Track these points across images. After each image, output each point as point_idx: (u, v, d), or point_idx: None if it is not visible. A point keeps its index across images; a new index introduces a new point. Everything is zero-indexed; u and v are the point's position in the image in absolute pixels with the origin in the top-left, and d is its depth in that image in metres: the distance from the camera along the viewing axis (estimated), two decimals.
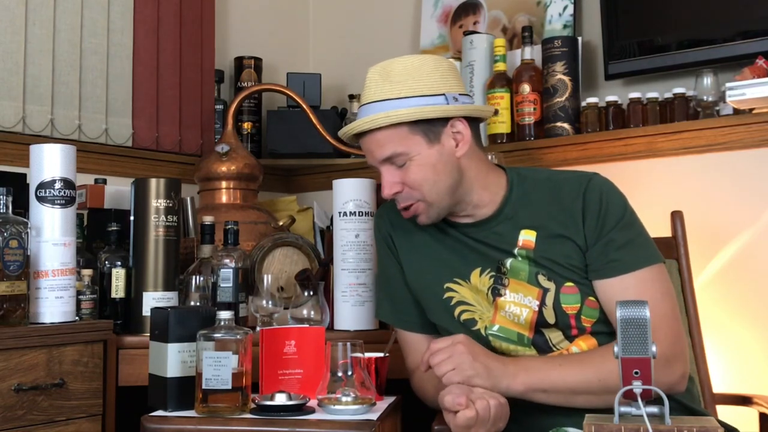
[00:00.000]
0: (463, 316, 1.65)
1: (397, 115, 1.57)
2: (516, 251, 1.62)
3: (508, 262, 1.62)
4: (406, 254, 1.74)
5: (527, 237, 1.62)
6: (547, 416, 1.54)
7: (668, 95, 2.36)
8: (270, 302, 2.00)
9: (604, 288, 1.57)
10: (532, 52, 2.56)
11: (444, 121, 1.60)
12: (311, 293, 1.97)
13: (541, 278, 1.59)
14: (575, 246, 1.59)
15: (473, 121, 1.65)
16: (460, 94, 1.62)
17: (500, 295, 1.61)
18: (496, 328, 1.62)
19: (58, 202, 1.83)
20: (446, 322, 1.67)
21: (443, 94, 1.60)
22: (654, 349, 1.19)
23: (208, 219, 2.11)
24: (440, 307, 1.67)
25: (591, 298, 1.58)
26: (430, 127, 1.60)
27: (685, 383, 1.54)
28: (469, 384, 1.46)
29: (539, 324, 1.59)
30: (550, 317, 1.58)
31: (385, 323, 2.03)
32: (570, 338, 1.59)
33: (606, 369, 1.47)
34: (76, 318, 1.87)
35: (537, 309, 1.58)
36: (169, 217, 1.99)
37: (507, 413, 1.45)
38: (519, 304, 1.60)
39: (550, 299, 1.58)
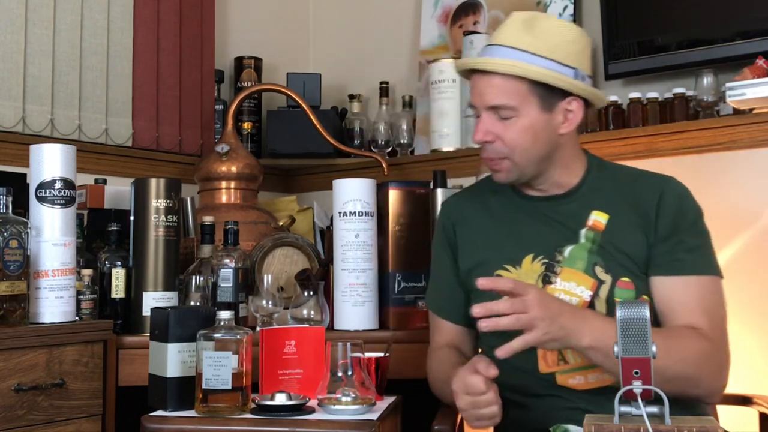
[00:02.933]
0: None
1: (525, 69, 1.55)
2: (583, 232, 1.61)
3: (567, 249, 1.61)
4: (466, 244, 1.73)
5: (598, 218, 1.61)
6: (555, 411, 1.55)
7: (668, 95, 2.36)
8: (270, 302, 2.00)
9: (663, 285, 1.56)
10: None
11: (563, 95, 1.59)
12: (311, 293, 1.97)
13: (599, 270, 1.58)
14: (644, 240, 1.58)
15: (587, 106, 1.65)
16: (587, 75, 1.62)
17: (551, 283, 1.60)
18: None
19: (58, 202, 1.83)
20: None
21: (575, 69, 1.58)
22: (654, 349, 1.19)
23: (208, 219, 2.11)
24: (488, 295, 1.60)
25: (644, 297, 1.57)
26: (550, 94, 1.58)
27: (721, 395, 1.55)
28: (541, 343, 1.43)
29: None
30: (602, 309, 1.56)
31: (386, 323, 2.04)
32: None
33: (675, 357, 1.45)
34: (76, 318, 1.87)
35: (589, 300, 1.57)
36: (169, 217, 1.99)
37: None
38: (570, 292, 1.58)
39: (604, 291, 1.57)
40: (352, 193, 2.04)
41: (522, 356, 1.50)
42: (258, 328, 1.90)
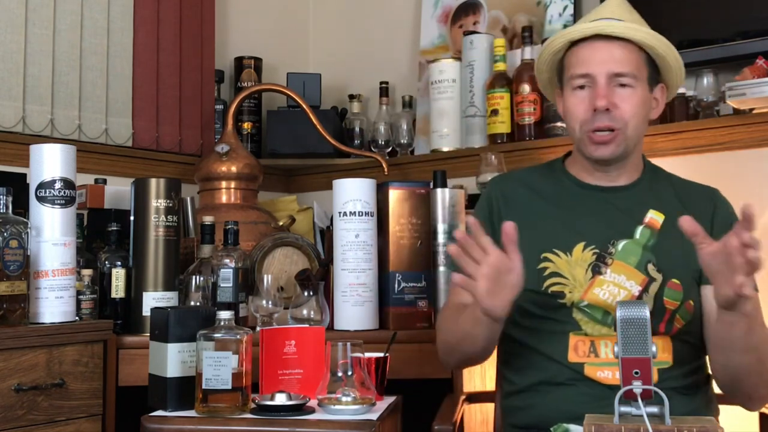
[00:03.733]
0: (553, 288, 1.61)
1: (656, 39, 1.60)
2: (640, 228, 1.62)
3: (621, 243, 1.61)
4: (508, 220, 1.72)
5: (655, 217, 1.63)
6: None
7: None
8: (270, 302, 2.00)
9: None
10: (532, 52, 2.55)
11: (657, 80, 1.64)
12: (311, 293, 1.97)
13: (651, 267, 1.59)
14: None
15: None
16: None
17: (600, 273, 1.59)
18: (584, 303, 1.59)
19: (58, 202, 1.83)
20: (532, 286, 1.61)
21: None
22: (654, 349, 1.19)
23: (208, 219, 2.11)
24: (530, 274, 1.59)
25: (690, 302, 1.58)
26: (654, 73, 1.63)
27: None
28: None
29: None
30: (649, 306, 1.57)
31: (386, 323, 2.03)
32: (654, 332, 1.57)
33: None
34: (76, 318, 1.87)
35: (637, 295, 1.57)
36: (169, 217, 1.99)
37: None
38: (619, 285, 1.58)
39: (653, 289, 1.58)
40: (352, 193, 2.04)
41: (553, 345, 1.52)
42: (258, 328, 1.90)
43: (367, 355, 1.69)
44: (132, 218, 2.01)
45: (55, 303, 1.80)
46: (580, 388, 1.56)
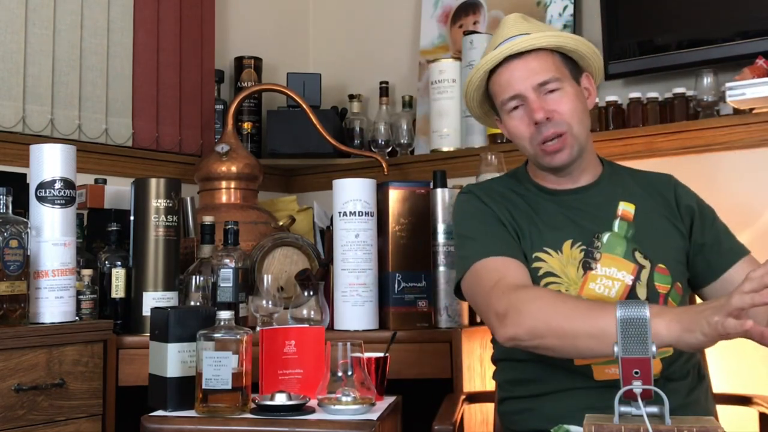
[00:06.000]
0: (549, 288, 1.60)
1: (563, 37, 1.63)
2: (616, 222, 1.63)
3: (605, 236, 1.62)
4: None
5: (626, 208, 1.65)
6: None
7: (668, 95, 2.36)
8: (270, 302, 2.00)
9: (732, 277, 1.60)
10: None
11: (579, 71, 1.66)
12: (311, 293, 1.97)
13: (638, 255, 1.60)
14: (672, 228, 1.64)
15: None
16: None
17: (591, 269, 1.60)
18: None
19: (58, 202, 1.83)
20: None
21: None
22: (654, 349, 1.18)
23: (208, 219, 2.11)
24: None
25: (678, 284, 1.61)
26: (573, 67, 1.65)
27: None
28: None
29: (629, 299, 1.58)
30: (642, 293, 1.58)
31: (386, 323, 2.03)
32: None
33: None
34: (76, 318, 1.87)
35: (630, 284, 1.58)
36: (169, 217, 1.99)
37: None
38: (612, 277, 1.59)
39: (644, 276, 1.59)
40: (352, 193, 2.04)
41: None
42: (258, 328, 1.90)
43: (367, 355, 1.69)
44: (132, 218, 2.01)
45: (55, 303, 1.80)
46: (588, 392, 1.55)
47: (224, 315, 1.62)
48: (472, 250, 1.62)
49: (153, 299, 1.96)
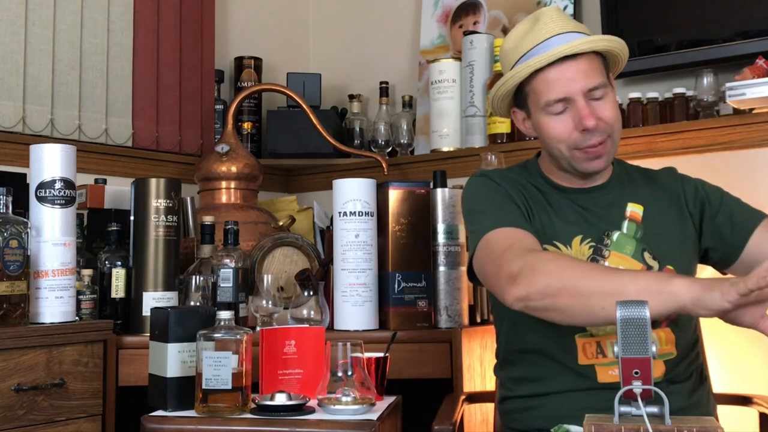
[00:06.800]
0: None
1: (612, 41, 1.60)
2: (626, 222, 1.63)
3: (615, 234, 1.62)
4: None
5: (635, 209, 1.64)
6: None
7: (668, 95, 2.36)
8: (270, 302, 2.00)
9: (755, 245, 1.59)
10: None
11: (607, 76, 1.62)
12: (311, 293, 1.97)
13: (647, 255, 1.60)
14: (682, 223, 1.64)
15: None
16: None
17: None
18: None
19: (58, 202, 1.83)
20: None
21: None
22: (654, 349, 1.18)
23: (208, 219, 2.11)
24: None
25: None
26: (607, 71, 1.62)
27: None
28: None
29: None
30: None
31: (386, 323, 2.03)
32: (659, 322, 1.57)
33: None
34: (76, 318, 1.87)
35: None
36: (169, 217, 1.99)
37: None
38: None
39: None
40: (352, 193, 2.04)
41: (563, 348, 1.53)
42: (258, 328, 1.90)
43: (367, 355, 1.69)
44: (132, 218, 2.01)
45: (55, 303, 1.81)
46: (590, 393, 1.55)
47: (224, 315, 1.62)
48: (484, 223, 1.58)
49: (153, 299, 1.96)
